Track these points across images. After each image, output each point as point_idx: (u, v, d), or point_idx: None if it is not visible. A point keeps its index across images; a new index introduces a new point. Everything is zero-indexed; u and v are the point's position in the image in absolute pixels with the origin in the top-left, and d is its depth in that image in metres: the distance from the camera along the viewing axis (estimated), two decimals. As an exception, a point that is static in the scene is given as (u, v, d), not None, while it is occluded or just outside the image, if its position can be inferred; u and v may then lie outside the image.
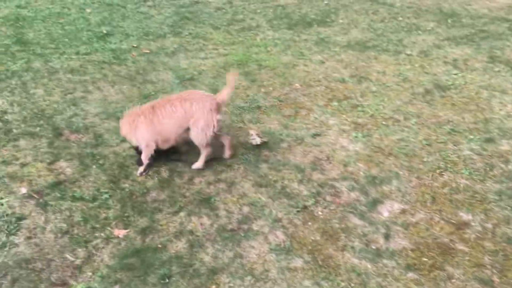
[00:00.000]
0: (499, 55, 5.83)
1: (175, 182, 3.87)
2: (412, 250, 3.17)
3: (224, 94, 3.97)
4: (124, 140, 4.44)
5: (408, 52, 6.16)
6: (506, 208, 3.45)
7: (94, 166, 4.08)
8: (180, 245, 3.23)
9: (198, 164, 4.01)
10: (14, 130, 4.59)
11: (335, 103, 5.01)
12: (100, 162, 4.15)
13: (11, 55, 6.49)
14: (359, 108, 4.90)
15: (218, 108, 3.86)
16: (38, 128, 4.64)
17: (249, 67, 6.01)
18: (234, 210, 3.54)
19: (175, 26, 7.74)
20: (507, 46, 6.05)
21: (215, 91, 5.33)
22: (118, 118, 4.77)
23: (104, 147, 4.36)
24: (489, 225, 3.31)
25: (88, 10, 8.73)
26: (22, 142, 4.41)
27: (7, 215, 3.48)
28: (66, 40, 7.14)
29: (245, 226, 3.38)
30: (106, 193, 3.74)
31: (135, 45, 6.87)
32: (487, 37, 6.41)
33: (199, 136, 3.84)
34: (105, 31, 7.47)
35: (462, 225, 3.33)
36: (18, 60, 6.32)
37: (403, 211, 3.47)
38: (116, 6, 9.03)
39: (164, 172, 3.99)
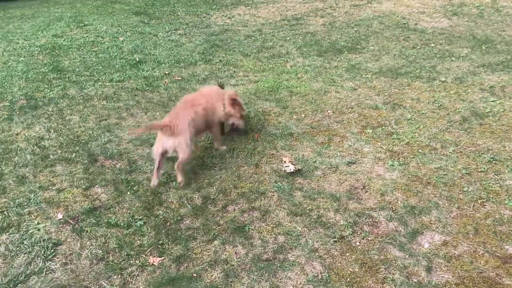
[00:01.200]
0: (538, 81, 5.69)
1: (209, 209, 3.83)
2: (456, 284, 3.02)
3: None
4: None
5: (443, 79, 6.06)
6: (555, 241, 3.27)
7: (128, 193, 4.09)
8: (215, 275, 3.17)
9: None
10: (51, 156, 4.68)
11: (369, 130, 4.94)
12: (135, 188, 4.16)
13: (48, 83, 6.68)
14: (394, 136, 4.81)
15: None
16: (74, 154, 4.71)
17: (280, 93, 6.01)
18: (269, 239, 3.47)
19: (205, 54, 7.86)
20: (545, 73, 5.90)
21: (247, 117, 5.36)
22: (151, 145, 4.82)
23: (138, 174, 4.38)
24: (538, 260, 3.14)
25: (121, 39, 8.98)
26: (58, 168, 4.47)
27: (43, 240, 3.50)
28: (100, 67, 7.33)
29: (281, 256, 3.30)
30: (140, 219, 3.74)
31: (167, 72, 6.99)
32: (524, 64, 6.27)
33: None
34: (137, 59, 7.64)
35: (508, 259, 3.17)
36: (54, 87, 6.50)
37: (445, 243, 3.34)
38: (148, 34, 9.26)
39: (198, 199, 3.97)
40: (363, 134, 4.90)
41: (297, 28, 9.03)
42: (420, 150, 4.50)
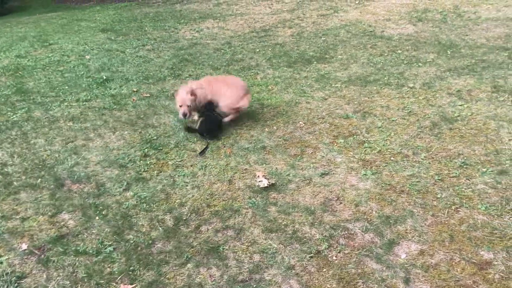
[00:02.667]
0: (502, 84, 5.78)
1: (181, 231, 3.72)
2: (434, 294, 2.99)
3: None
4: (127, 188, 4.33)
5: (411, 85, 6.11)
6: (529, 244, 3.29)
7: (97, 217, 3.95)
8: (190, 300, 3.06)
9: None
10: (15, 183, 4.49)
11: (341, 140, 4.92)
12: (103, 212, 4.02)
13: (11, 105, 6.47)
14: (366, 145, 4.80)
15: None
16: (39, 180, 4.54)
17: (251, 106, 5.95)
18: (244, 259, 3.38)
19: (174, 69, 7.77)
20: (510, 75, 6.00)
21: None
22: (120, 166, 4.69)
23: (107, 197, 4.24)
24: (513, 264, 3.14)
25: (88, 57, 8.80)
26: (23, 195, 4.29)
27: (6, 274, 3.32)
28: (66, 87, 7.15)
29: (257, 276, 3.21)
30: (110, 245, 3.60)
31: (135, 90, 6.86)
32: (488, 67, 6.38)
33: None
34: (104, 77, 7.49)
35: (484, 265, 3.16)
36: (18, 110, 6.29)
37: (422, 252, 3.31)
38: (115, 51, 9.12)
39: (169, 221, 3.85)
40: (335, 144, 4.87)
41: (266, 40, 9.02)
42: (392, 158, 4.50)
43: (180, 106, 5.26)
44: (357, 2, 11.02)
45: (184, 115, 5.23)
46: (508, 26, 7.95)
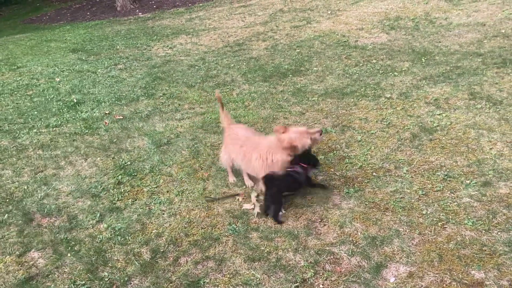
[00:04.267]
0: (479, 91, 5.75)
1: (159, 264, 3.53)
2: (427, 319, 2.86)
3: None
4: (100, 220, 4.12)
5: (388, 95, 6.05)
6: (519, 260, 3.19)
7: (68, 254, 3.72)
8: None
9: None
10: (-21, 221, 4.23)
11: (321, 157, 4.79)
12: (76, 248, 3.80)
13: (-24, 135, 6.17)
14: (347, 160, 4.68)
15: None
16: (6, 215, 4.29)
17: (228, 125, 5.80)
18: (227, 292, 3.20)
19: (148, 88, 7.58)
20: (485, 81, 5.99)
21: (195, 153, 5.10)
22: (92, 196, 4.47)
23: (79, 230, 4.02)
24: (505, 282, 3.03)
25: (58, 79, 8.54)
26: (-12, 234, 4.04)
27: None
28: (35, 112, 6.89)
29: (241, 311, 3.04)
30: (83, 285, 3.38)
31: (107, 112, 6.64)
32: (463, 73, 6.36)
33: None
34: (75, 100, 7.26)
35: (475, 285, 3.05)
36: (-17, 140, 6.00)
37: (411, 275, 3.18)
38: (87, 72, 8.88)
39: (146, 254, 3.65)
40: (316, 161, 4.74)
41: (240, 54, 8.90)
42: (374, 174, 4.39)
43: (288, 148, 3.88)
44: (329, 12, 11.01)
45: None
46: (479, 31, 7.99)
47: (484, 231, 3.49)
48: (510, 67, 6.28)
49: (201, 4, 15.25)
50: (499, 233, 3.45)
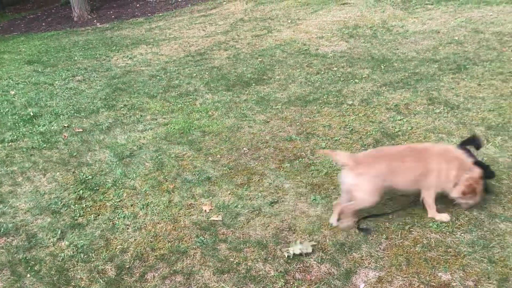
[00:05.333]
0: (437, 96, 5.93)
1: (125, 281, 3.41)
2: (397, 323, 2.89)
3: None
4: (61, 237, 3.96)
5: (350, 102, 6.14)
6: (482, 260, 3.27)
7: (28, 275, 3.55)
8: None
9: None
10: None
11: (287, 165, 4.80)
12: (36, 268, 3.62)
13: None
14: (312, 167, 4.70)
15: None
16: (-42, 237, 4.06)
17: (192, 135, 5.73)
18: (197, 307, 3.13)
19: (108, 99, 7.40)
20: (442, 87, 6.18)
21: (159, 165, 5.00)
22: (52, 212, 4.30)
23: (39, 249, 3.85)
24: (470, 283, 3.10)
25: (12, 92, 8.22)
26: None
27: None
28: (-11, 128, 6.57)
29: (212, 325, 2.97)
30: (44, 307, 3.22)
31: (66, 125, 6.44)
32: (421, 79, 6.55)
33: None
34: (32, 113, 7.00)
35: (443, 287, 3.10)
36: None
37: (380, 280, 3.21)
38: (43, 84, 8.59)
39: (111, 271, 3.53)
40: (281, 169, 4.74)
41: (202, 63, 8.85)
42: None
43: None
44: (289, 21, 11.12)
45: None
46: (434, 39, 8.26)
47: (448, 233, 3.57)
48: (465, 72, 6.52)
49: (160, 14, 15.10)
50: (462, 234, 3.54)
